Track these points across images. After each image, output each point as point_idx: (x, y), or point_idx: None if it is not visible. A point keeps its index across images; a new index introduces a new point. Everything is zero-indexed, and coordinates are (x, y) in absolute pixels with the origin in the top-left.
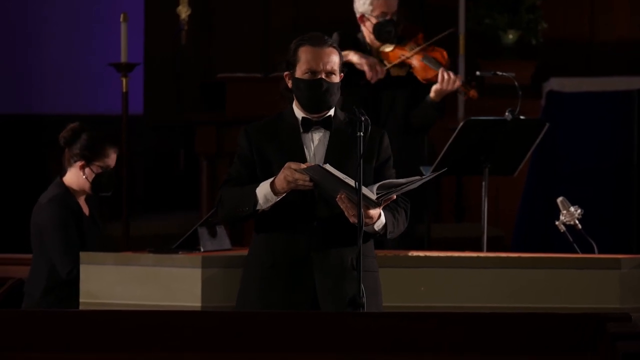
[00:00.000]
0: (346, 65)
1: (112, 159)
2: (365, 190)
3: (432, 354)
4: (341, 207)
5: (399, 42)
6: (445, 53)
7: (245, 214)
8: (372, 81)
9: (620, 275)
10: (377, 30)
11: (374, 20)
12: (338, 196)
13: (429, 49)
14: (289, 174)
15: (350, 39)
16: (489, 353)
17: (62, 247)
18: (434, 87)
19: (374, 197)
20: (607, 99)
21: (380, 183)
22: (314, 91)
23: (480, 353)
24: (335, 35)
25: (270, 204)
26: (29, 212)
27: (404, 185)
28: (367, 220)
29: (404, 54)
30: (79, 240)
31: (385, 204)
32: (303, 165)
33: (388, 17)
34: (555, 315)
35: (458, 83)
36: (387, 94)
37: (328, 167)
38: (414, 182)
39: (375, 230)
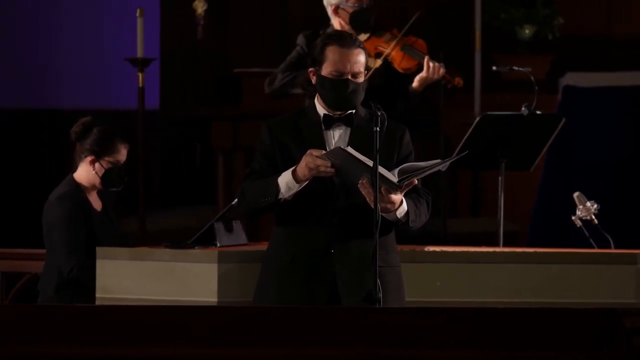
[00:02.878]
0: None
1: (122, 154)
2: (385, 173)
3: (447, 349)
4: (363, 192)
5: (374, 33)
6: (424, 43)
7: (267, 203)
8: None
9: (637, 270)
10: (354, 19)
11: (350, 10)
12: (360, 181)
13: (408, 39)
14: (311, 160)
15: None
16: (505, 348)
17: (67, 246)
18: (419, 76)
19: (395, 179)
20: (623, 94)
21: (400, 167)
22: (340, 91)
23: (496, 348)
24: (300, 38)
25: (292, 192)
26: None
27: (425, 169)
28: (389, 206)
29: (380, 44)
30: (88, 237)
31: (407, 188)
32: (324, 152)
33: (364, 6)
34: (571, 310)
35: (442, 71)
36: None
37: (349, 149)
38: (434, 165)
39: (398, 218)
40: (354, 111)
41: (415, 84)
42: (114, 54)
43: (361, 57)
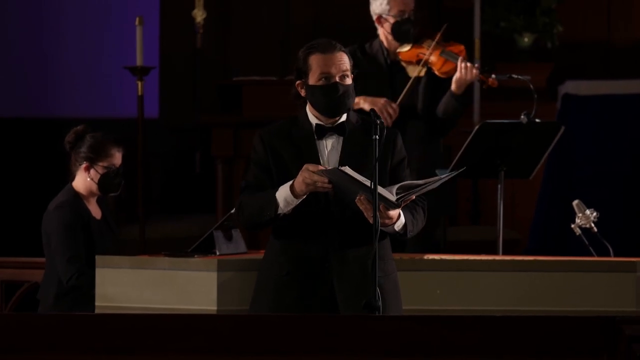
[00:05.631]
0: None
1: (116, 157)
2: (384, 192)
3: (447, 356)
4: (360, 208)
5: (416, 42)
6: (462, 47)
7: (267, 218)
8: (389, 124)
9: (636, 278)
10: (396, 29)
11: (392, 20)
12: (357, 198)
13: (446, 44)
14: (308, 176)
15: (356, 57)
16: (504, 356)
17: (66, 254)
18: (454, 78)
19: (393, 198)
20: (623, 102)
21: (399, 185)
22: (331, 96)
23: (496, 356)
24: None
25: (291, 207)
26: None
27: (423, 186)
28: (387, 221)
29: (422, 52)
30: (87, 246)
31: (404, 204)
32: (320, 167)
33: (406, 16)
34: (571, 318)
35: (476, 72)
36: (408, 97)
37: (347, 169)
38: (432, 182)
39: (395, 231)
40: (345, 120)
41: (452, 86)
42: (114, 63)
43: (345, 60)
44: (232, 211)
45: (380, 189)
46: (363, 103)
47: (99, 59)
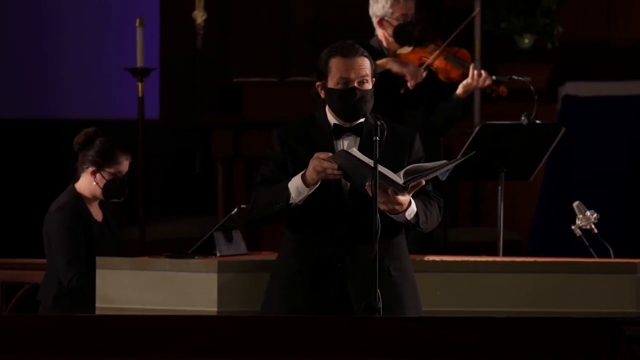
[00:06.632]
0: (380, 73)
1: (124, 165)
2: (391, 175)
3: (447, 356)
4: (370, 194)
5: (418, 44)
6: (467, 52)
7: (279, 209)
8: (412, 87)
9: (637, 280)
10: (398, 32)
11: (394, 23)
12: (367, 183)
13: (451, 49)
14: (318, 163)
15: None
16: (504, 356)
17: (66, 256)
18: (463, 83)
19: (400, 181)
20: (622, 103)
21: (405, 168)
22: (348, 101)
23: (496, 356)
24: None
25: (303, 196)
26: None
27: (431, 170)
28: (397, 207)
29: (424, 55)
30: (88, 248)
31: (414, 190)
32: (330, 154)
33: (408, 19)
34: (571, 319)
35: (489, 81)
36: (407, 97)
37: (354, 151)
38: (440, 166)
39: (407, 219)
40: (363, 120)
41: (459, 90)
42: (114, 63)
43: (366, 65)
44: (233, 212)
45: (387, 172)
46: (391, 64)
47: (99, 59)
